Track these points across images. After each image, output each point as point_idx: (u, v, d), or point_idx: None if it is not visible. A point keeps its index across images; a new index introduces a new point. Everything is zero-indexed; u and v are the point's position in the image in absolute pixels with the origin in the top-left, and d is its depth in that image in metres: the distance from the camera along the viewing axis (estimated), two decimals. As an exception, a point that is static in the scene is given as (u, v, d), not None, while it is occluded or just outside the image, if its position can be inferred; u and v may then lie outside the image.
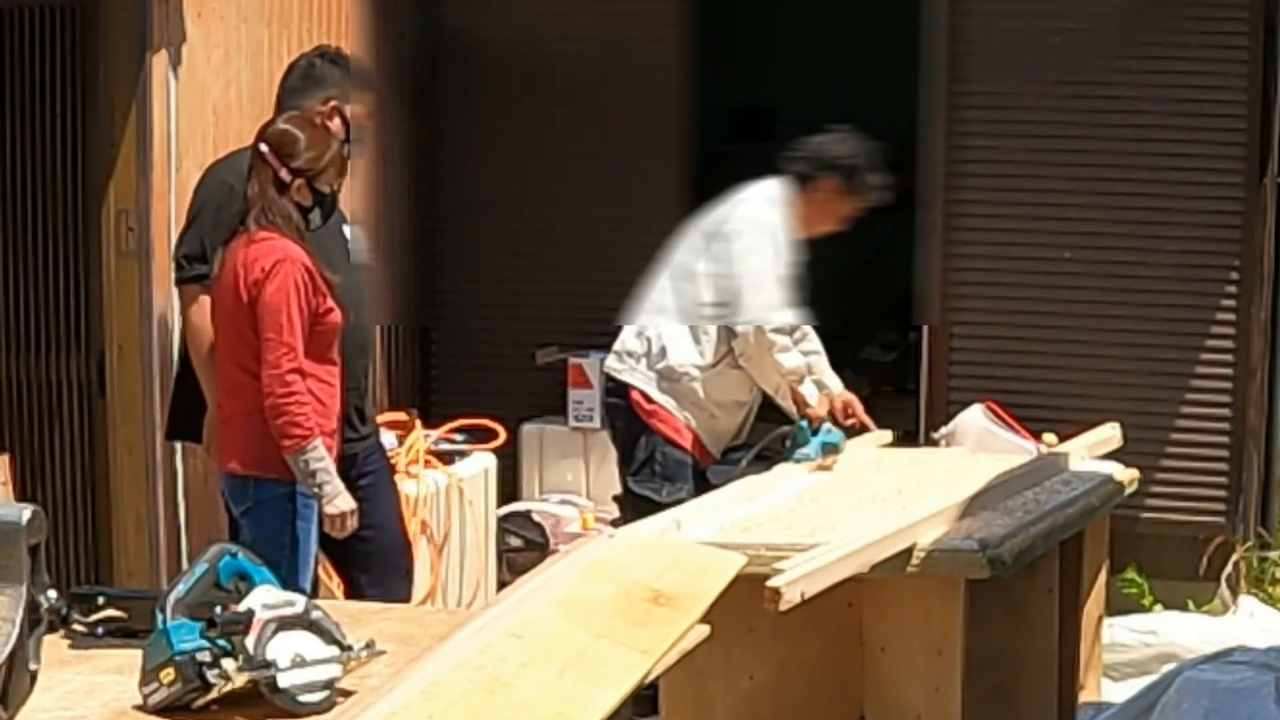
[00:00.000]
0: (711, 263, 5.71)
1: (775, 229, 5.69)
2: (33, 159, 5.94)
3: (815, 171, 5.79)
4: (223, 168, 5.37)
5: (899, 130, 7.10)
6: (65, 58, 5.90)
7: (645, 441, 5.73)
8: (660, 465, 5.71)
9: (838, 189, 5.79)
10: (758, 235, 5.67)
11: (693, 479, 5.74)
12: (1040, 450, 5.68)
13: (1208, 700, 4.24)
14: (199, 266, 5.17)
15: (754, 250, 5.64)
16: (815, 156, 5.81)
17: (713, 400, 5.74)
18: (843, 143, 5.84)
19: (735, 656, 4.39)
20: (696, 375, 5.71)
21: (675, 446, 5.73)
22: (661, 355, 5.72)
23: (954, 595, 4.30)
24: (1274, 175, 6.82)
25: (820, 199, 5.79)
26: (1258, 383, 6.92)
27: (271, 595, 2.75)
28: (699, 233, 5.81)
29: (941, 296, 7.09)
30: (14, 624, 2.46)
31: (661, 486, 5.67)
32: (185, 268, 5.26)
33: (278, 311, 4.82)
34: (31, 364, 6.00)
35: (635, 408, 5.75)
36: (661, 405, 5.74)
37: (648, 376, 5.74)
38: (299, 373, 4.84)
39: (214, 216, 5.17)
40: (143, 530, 5.95)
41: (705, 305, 5.72)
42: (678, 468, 5.72)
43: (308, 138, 5.00)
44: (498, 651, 2.75)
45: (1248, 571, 6.84)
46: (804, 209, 5.77)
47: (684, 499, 5.44)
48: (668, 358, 5.72)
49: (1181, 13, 6.84)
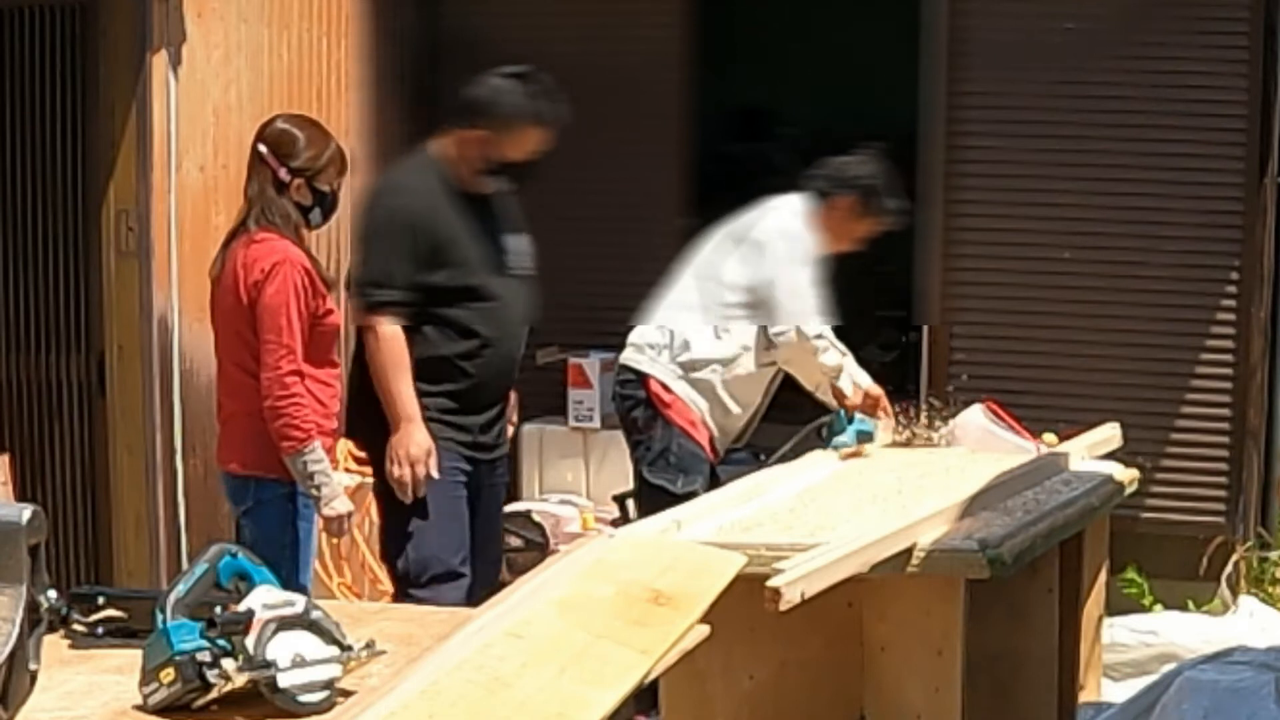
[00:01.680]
0: (741, 266, 5.79)
1: (804, 238, 5.78)
2: (33, 159, 5.94)
3: (834, 190, 5.87)
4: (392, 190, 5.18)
5: (899, 130, 7.12)
6: (65, 58, 5.91)
7: (662, 433, 5.78)
8: (676, 456, 5.75)
9: (854, 208, 5.86)
10: (790, 243, 5.76)
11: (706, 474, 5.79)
12: (1040, 450, 5.68)
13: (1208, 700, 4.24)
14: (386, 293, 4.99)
15: (789, 259, 5.73)
16: (835, 175, 5.91)
17: (730, 395, 5.79)
18: (864, 164, 5.92)
19: (735, 656, 4.39)
20: (719, 369, 5.77)
21: (690, 439, 5.77)
22: (685, 348, 5.78)
23: (954, 595, 4.30)
24: (1274, 175, 6.82)
25: (838, 217, 5.87)
26: (1258, 383, 6.92)
27: (271, 595, 2.75)
28: (727, 236, 5.89)
29: (941, 296, 7.09)
30: (14, 624, 2.46)
31: (677, 477, 5.72)
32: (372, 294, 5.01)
33: (277, 313, 4.82)
34: (31, 364, 6.01)
35: (654, 398, 5.79)
36: (679, 397, 5.78)
37: (668, 369, 5.79)
38: (298, 374, 4.84)
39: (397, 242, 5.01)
40: (143, 530, 5.96)
41: (732, 306, 5.79)
42: (692, 460, 5.76)
43: (306, 137, 5.00)
44: (498, 651, 2.75)
45: (1248, 571, 6.84)
46: (821, 226, 5.84)
47: (697, 491, 5.51)
48: (690, 350, 5.77)
49: (1181, 13, 6.84)
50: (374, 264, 5.01)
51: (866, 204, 5.86)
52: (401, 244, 4.96)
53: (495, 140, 5.06)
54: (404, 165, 5.24)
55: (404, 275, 4.96)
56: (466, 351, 5.07)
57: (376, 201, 5.13)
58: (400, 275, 4.96)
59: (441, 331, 5.05)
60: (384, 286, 4.97)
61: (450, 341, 5.06)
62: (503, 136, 5.07)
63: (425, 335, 5.03)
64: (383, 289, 4.97)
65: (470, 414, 5.13)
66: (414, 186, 5.05)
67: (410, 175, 5.12)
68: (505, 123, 5.06)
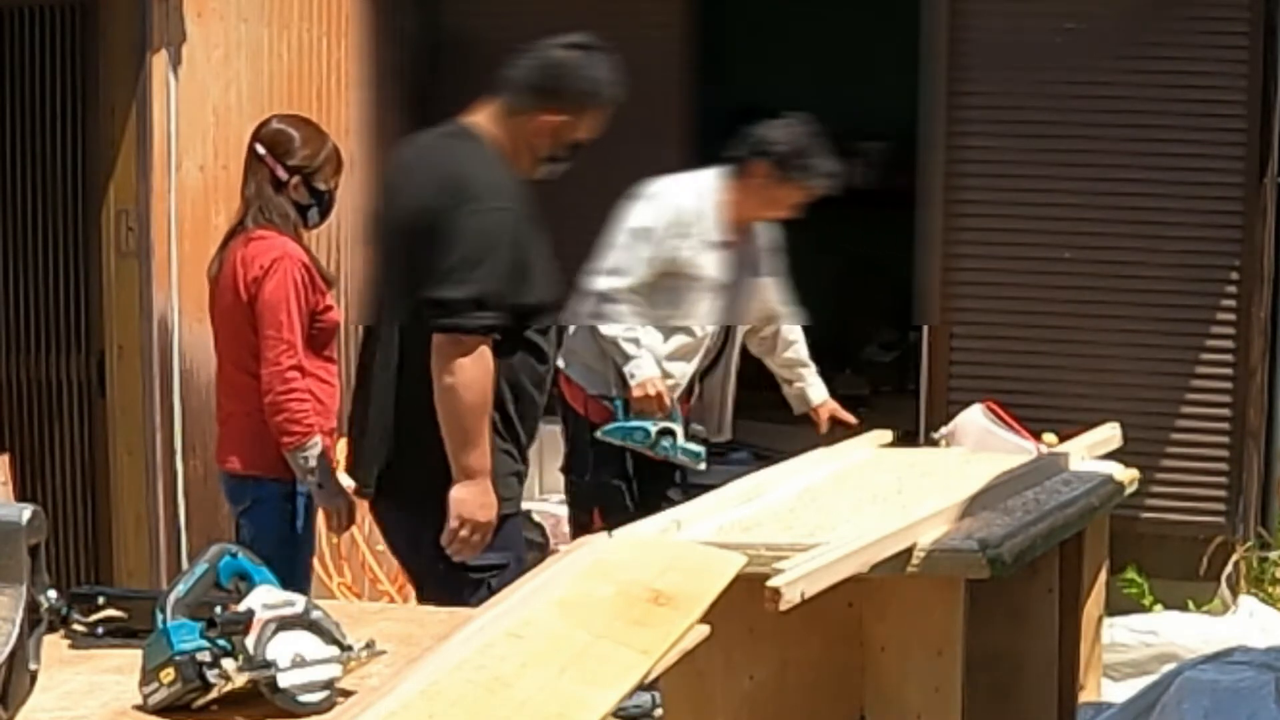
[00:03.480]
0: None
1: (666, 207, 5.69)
2: (33, 159, 5.94)
3: (749, 156, 5.73)
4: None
5: (899, 130, 7.12)
6: (65, 58, 5.91)
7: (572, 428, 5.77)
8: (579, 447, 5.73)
9: (771, 174, 5.70)
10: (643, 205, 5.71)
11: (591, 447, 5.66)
12: (1040, 450, 5.68)
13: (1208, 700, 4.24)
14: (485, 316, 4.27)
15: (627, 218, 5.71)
16: (750, 142, 5.76)
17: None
18: (780, 128, 5.75)
19: (735, 656, 4.39)
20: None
21: (577, 416, 5.71)
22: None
23: (954, 595, 4.30)
24: (1274, 175, 6.82)
25: (757, 185, 5.72)
26: (1258, 383, 6.92)
27: (271, 595, 2.75)
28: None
29: (941, 296, 7.09)
30: (14, 624, 2.46)
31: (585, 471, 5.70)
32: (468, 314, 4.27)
33: (276, 309, 4.82)
34: (31, 364, 6.01)
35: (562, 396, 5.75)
36: (562, 373, 5.70)
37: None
38: (299, 370, 4.84)
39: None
40: (143, 530, 5.96)
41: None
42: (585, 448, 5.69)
43: (302, 136, 5.01)
44: (498, 651, 2.75)
45: (1248, 571, 6.84)
46: (739, 195, 5.73)
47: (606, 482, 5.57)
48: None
49: (1181, 13, 6.84)
50: (478, 279, 4.21)
51: (783, 169, 5.67)
52: (505, 257, 4.25)
53: (573, 123, 4.46)
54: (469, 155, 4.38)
55: (506, 294, 4.26)
56: (541, 378, 4.46)
57: (474, 205, 4.26)
58: (504, 294, 4.25)
59: (524, 359, 4.37)
60: (487, 307, 4.23)
61: (531, 369, 4.41)
62: (582, 118, 4.48)
63: (511, 365, 4.35)
64: (486, 310, 4.23)
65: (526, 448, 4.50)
66: (509, 188, 4.34)
67: (495, 172, 4.36)
68: (586, 102, 4.48)
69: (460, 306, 4.19)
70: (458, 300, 4.19)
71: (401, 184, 4.48)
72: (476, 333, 4.20)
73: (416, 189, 4.36)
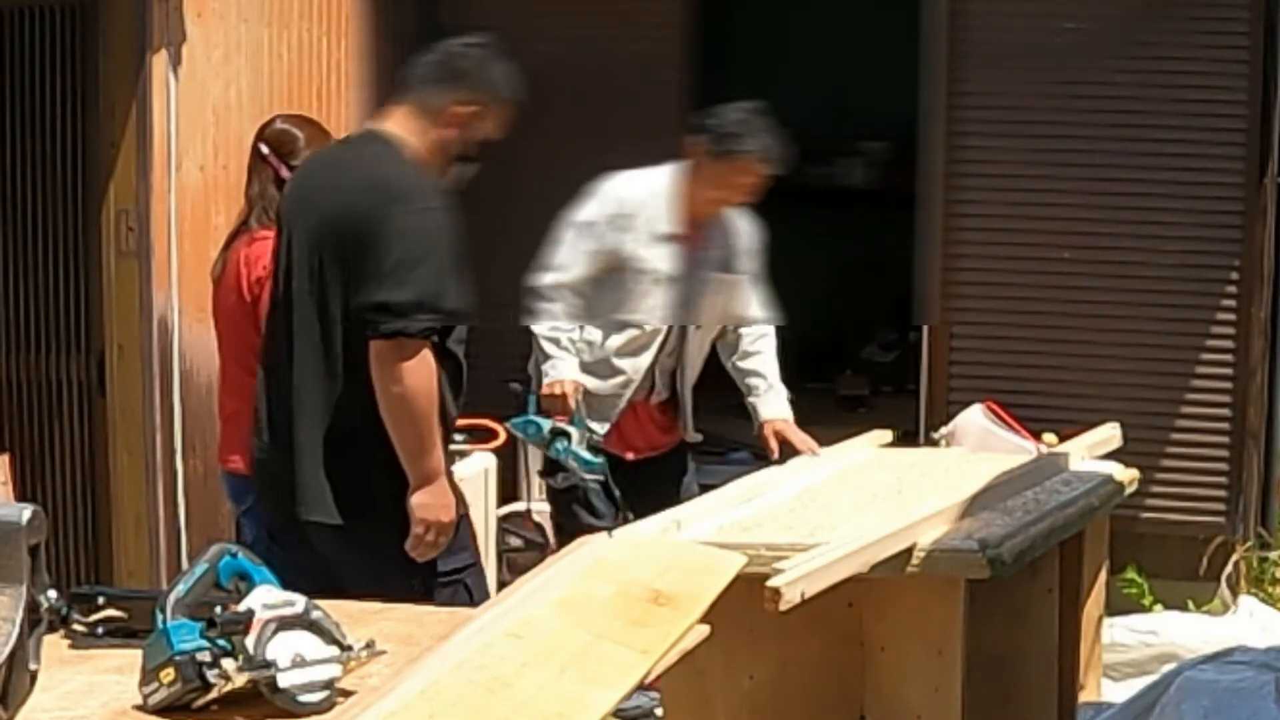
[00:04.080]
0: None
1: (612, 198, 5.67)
2: (33, 159, 5.94)
3: (689, 135, 5.70)
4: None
5: (899, 130, 7.12)
6: (65, 58, 5.91)
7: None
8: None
9: (707, 152, 5.61)
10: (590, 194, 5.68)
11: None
12: (1040, 450, 5.68)
13: (1208, 700, 4.24)
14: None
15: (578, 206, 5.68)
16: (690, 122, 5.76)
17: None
18: (720, 109, 5.70)
19: (735, 656, 4.39)
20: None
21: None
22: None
23: (954, 595, 4.30)
24: (1274, 175, 6.82)
25: (699, 171, 5.64)
26: (1258, 383, 6.92)
27: (271, 595, 2.75)
28: None
29: (941, 296, 7.09)
30: (14, 624, 2.46)
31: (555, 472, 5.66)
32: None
33: (278, 309, 4.82)
34: (31, 364, 6.01)
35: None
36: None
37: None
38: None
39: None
40: (143, 530, 5.96)
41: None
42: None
43: (306, 136, 5.01)
44: (498, 651, 2.75)
45: (1248, 571, 6.84)
46: (689, 185, 5.67)
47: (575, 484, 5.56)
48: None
49: (1181, 13, 6.84)
50: (417, 281, 4.12)
51: (717, 144, 5.58)
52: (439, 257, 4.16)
53: (481, 114, 4.37)
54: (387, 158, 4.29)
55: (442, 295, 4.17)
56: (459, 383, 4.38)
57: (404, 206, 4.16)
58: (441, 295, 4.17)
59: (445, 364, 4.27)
60: (425, 310, 4.13)
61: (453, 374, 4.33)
62: (489, 110, 4.38)
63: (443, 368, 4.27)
64: (426, 313, 4.13)
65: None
66: (432, 189, 4.25)
67: (416, 174, 4.27)
68: (492, 92, 4.40)
69: (403, 309, 4.09)
70: (399, 303, 4.09)
71: (318, 195, 4.35)
72: (418, 336, 4.11)
73: (339, 196, 4.26)
